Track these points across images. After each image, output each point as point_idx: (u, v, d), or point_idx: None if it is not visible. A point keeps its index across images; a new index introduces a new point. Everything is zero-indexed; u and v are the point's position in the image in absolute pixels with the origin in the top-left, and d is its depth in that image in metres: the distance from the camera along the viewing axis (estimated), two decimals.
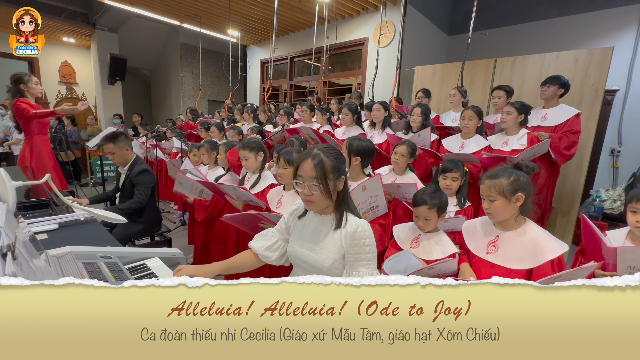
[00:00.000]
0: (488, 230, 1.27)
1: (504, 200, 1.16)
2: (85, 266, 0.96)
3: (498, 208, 1.17)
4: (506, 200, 1.16)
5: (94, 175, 6.08)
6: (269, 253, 1.20)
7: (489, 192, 1.19)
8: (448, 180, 1.79)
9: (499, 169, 1.22)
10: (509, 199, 1.16)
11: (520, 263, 1.15)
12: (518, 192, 1.15)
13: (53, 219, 1.43)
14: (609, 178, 4.12)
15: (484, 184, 1.22)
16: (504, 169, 1.21)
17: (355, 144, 1.68)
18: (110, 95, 7.11)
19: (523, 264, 1.15)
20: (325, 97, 5.83)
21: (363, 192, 1.60)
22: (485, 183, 1.21)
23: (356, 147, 1.68)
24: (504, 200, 1.16)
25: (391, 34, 4.54)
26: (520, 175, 1.18)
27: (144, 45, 7.81)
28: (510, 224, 1.21)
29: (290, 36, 6.19)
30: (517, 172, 1.20)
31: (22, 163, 2.92)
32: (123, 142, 2.27)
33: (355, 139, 1.71)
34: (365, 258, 1.00)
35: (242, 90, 7.82)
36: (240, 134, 3.23)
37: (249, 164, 2.06)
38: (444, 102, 3.77)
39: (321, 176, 0.98)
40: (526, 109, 2.25)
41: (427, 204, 1.38)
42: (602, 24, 4.13)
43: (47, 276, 0.68)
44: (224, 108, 5.42)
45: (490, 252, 1.22)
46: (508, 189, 1.15)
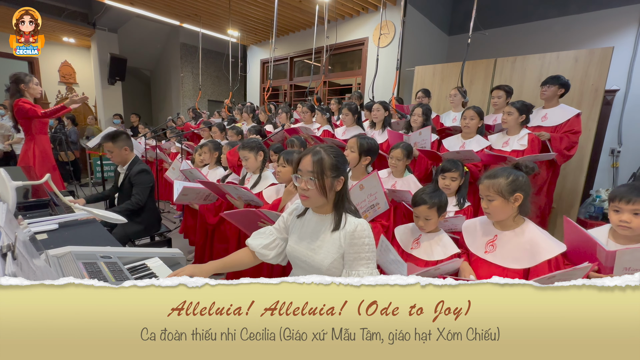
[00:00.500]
0: (487, 230, 1.28)
1: (502, 200, 1.17)
2: (85, 266, 0.96)
3: (496, 208, 1.18)
4: (504, 200, 1.17)
5: (94, 175, 6.08)
6: (266, 251, 1.20)
7: (487, 192, 1.20)
8: (447, 180, 1.79)
9: (498, 169, 1.22)
10: (507, 199, 1.16)
11: (518, 263, 1.16)
12: (516, 192, 1.16)
13: (53, 219, 1.43)
14: (609, 178, 4.12)
15: (482, 184, 1.22)
16: (502, 169, 1.22)
17: (366, 142, 1.68)
18: (110, 95, 7.11)
19: (520, 264, 1.15)
20: (325, 97, 5.83)
21: (361, 191, 1.59)
22: (484, 183, 1.21)
23: (367, 145, 1.68)
24: (502, 200, 1.17)
25: (391, 34, 4.54)
26: (519, 175, 1.19)
27: (144, 45, 7.81)
28: (509, 223, 1.22)
29: (290, 36, 6.19)
30: (515, 172, 1.20)
31: (25, 162, 2.91)
32: (122, 142, 2.26)
33: (365, 138, 1.70)
34: (365, 257, 1.01)
35: (242, 90, 7.82)
36: (240, 134, 3.23)
37: (249, 164, 2.06)
38: (444, 102, 3.77)
39: (318, 171, 1.00)
40: (527, 109, 2.24)
41: (427, 203, 1.38)
42: (602, 24, 4.13)
43: (47, 276, 0.68)
44: (224, 108, 5.42)
45: (488, 252, 1.24)
46: (506, 189, 1.16)
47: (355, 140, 1.69)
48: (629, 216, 1.12)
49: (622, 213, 1.14)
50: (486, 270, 1.22)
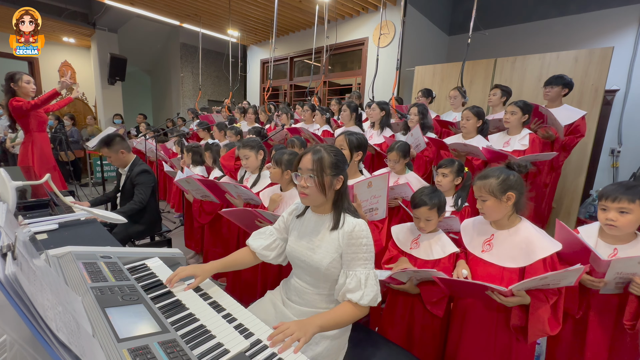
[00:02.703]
0: (484, 229, 1.29)
1: (495, 200, 1.18)
2: (85, 266, 0.96)
3: (489, 208, 1.20)
4: (497, 200, 1.18)
5: (94, 175, 6.09)
6: (266, 252, 1.21)
7: (480, 193, 1.22)
8: (439, 176, 1.80)
9: (489, 170, 1.24)
10: (499, 198, 1.17)
11: (513, 261, 1.17)
12: (508, 191, 1.17)
13: (53, 219, 1.43)
14: (609, 178, 4.12)
15: (475, 185, 1.24)
16: (493, 169, 1.23)
17: (355, 138, 1.66)
18: (110, 95, 7.11)
19: (516, 262, 1.16)
20: (325, 97, 5.83)
21: (368, 188, 1.56)
22: (477, 184, 1.23)
23: (356, 141, 1.66)
24: (495, 200, 1.18)
25: (391, 34, 4.54)
26: (510, 174, 1.20)
27: (144, 45, 7.81)
28: (504, 222, 1.23)
29: (290, 36, 6.19)
30: (507, 171, 1.22)
31: (24, 162, 2.91)
32: (118, 146, 2.26)
33: (352, 134, 1.68)
34: (363, 258, 1.01)
35: (242, 90, 7.82)
36: (239, 134, 3.23)
37: (249, 162, 2.06)
38: (444, 102, 3.77)
39: (317, 169, 1.01)
40: (529, 109, 2.24)
41: (427, 204, 1.38)
42: (602, 24, 4.13)
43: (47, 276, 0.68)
44: (224, 108, 5.42)
45: (485, 251, 1.25)
46: (497, 189, 1.17)
47: (344, 138, 1.67)
48: (615, 214, 1.12)
49: (609, 211, 1.14)
50: (483, 269, 1.24)
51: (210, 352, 0.74)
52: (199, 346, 0.76)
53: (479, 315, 1.24)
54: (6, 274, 0.47)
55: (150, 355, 0.66)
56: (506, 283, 1.15)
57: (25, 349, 0.53)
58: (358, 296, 0.97)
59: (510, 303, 1.08)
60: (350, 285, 0.99)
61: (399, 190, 1.86)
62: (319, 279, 1.08)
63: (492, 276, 1.20)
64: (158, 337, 0.73)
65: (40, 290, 0.55)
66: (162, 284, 1.01)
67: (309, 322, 0.90)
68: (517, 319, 1.12)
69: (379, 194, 1.60)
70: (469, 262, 1.30)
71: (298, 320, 0.91)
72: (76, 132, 6.16)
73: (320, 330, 0.92)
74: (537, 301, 1.08)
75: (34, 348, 0.53)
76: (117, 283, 0.92)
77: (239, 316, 0.91)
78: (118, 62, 6.64)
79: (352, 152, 1.66)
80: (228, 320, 0.88)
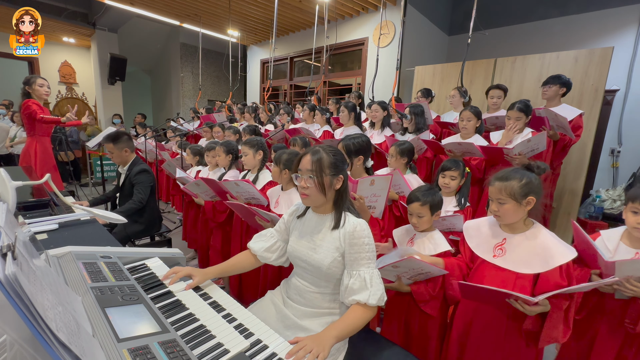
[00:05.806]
0: (494, 232, 1.21)
1: (515, 204, 1.10)
2: (85, 266, 0.96)
3: (507, 211, 1.12)
4: (517, 204, 1.10)
5: (94, 175, 6.08)
6: (268, 254, 1.22)
7: (499, 195, 1.12)
8: (446, 178, 1.80)
9: (510, 171, 1.15)
10: (519, 202, 1.10)
11: (529, 267, 1.09)
12: (529, 195, 1.09)
13: (53, 219, 1.43)
14: (609, 178, 4.12)
15: (493, 186, 1.14)
16: (514, 170, 1.14)
17: (352, 143, 1.63)
18: (110, 95, 7.11)
19: (532, 269, 1.09)
20: (325, 97, 5.83)
21: (370, 186, 1.56)
22: (495, 185, 1.13)
23: (354, 146, 1.63)
24: (515, 203, 1.10)
25: (391, 34, 4.54)
26: (532, 177, 1.12)
27: (144, 45, 7.81)
28: (519, 226, 1.15)
29: (290, 36, 6.18)
30: (528, 174, 1.13)
31: (26, 162, 2.92)
32: (123, 144, 2.28)
33: (350, 139, 1.64)
34: (365, 257, 1.01)
35: (242, 90, 7.82)
36: (237, 133, 3.25)
37: (247, 160, 2.09)
38: (444, 102, 3.77)
39: (317, 170, 1.02)
40: (530, 110, 2.25)
41: (420, 200, 1.40)
42: (602, 24, 4.13)
43: (47, 276, 0.68)
44: (225, 108, 5.42)
45: (497, 256, 1.17)
46: (519, 192, 1.09)
47: (341, 147, 1.64)
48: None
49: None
50: (494, 275, 1.16)
51: (210, 352, 0.75)
52: (199, 346, 0.76)
53: (488, 319, 1.19)
54: (6, 274, 0.47)
55: (150, 355, 0.66)
56: (518, 289, 1.10)
57: (25, 349, 0.53)
58: (365, 296, 0.97)
59: (534, 312, 1.03)
60: (355, 286, 0.99)
61: (398, 186, 1.90)
62: (320, 278, 1.08)
63: (504, 282, 1.12)
64: (158, 337, 0.73)
65: (40, 290, 0.55)
66: (162, 284, 1.01)
67: (325, 335, 0.89)
68: (532, 324, 1.07)
69: (379, 193, 1.61)
70: (477, 268, 1.24)
71: (313, 335, 0.89)
72: (75, 132, 6.16)
73: (336, 341, 0.90)
74: (556, 309, 1.04)
75: (34, 348, 0.53)
76: (117, 283, 0.92)
77: (239, 316, 0.91)
78: (118, 62, 6.64)
79: (350, 158, 1.63)
80: (228, 320, 0.88)
